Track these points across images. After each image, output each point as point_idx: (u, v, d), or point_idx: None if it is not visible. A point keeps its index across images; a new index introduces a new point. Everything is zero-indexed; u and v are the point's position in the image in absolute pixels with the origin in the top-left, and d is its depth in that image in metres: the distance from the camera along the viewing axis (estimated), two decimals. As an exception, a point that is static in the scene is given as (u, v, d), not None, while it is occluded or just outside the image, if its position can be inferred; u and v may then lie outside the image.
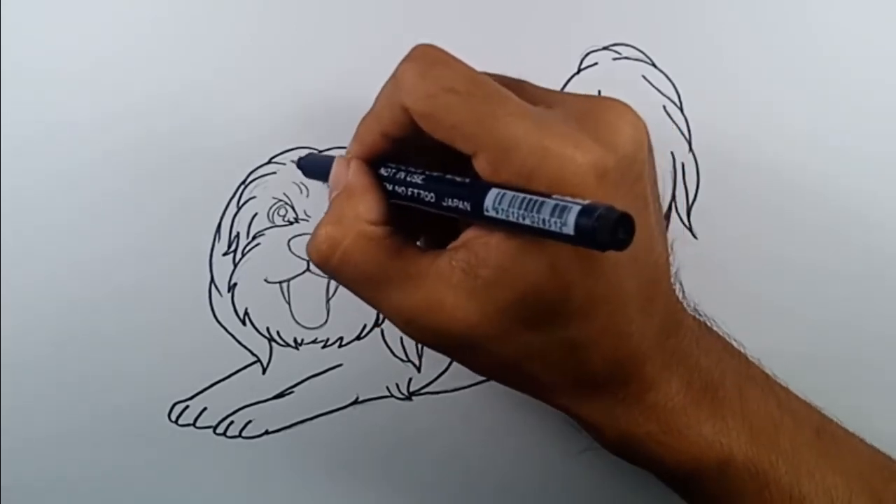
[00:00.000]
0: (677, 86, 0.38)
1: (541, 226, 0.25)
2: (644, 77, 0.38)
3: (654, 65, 0.38)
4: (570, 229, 0.24)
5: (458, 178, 0.28)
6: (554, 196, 0.25)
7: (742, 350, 0.34)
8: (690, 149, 0.39)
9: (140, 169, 0.37)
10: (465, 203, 0.27)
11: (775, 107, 0.38)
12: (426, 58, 0.29)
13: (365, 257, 0.29)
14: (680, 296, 0.33)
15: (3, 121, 0.36)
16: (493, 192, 0.26)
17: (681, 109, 0.38)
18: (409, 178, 0.30)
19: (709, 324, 0.34)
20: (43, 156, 0.37)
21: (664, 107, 0.38)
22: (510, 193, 0.26)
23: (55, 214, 0.37)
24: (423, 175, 0.29)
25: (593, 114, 0.29)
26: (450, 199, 0.28)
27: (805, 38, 0.38)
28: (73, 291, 0.37)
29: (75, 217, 0.37)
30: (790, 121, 0.38)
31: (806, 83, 0.38)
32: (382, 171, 0.31)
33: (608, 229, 0.23)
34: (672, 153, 0.39)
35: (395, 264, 0.29)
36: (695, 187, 0.39)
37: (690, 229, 0.39)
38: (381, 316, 0.38)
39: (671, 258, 0.31)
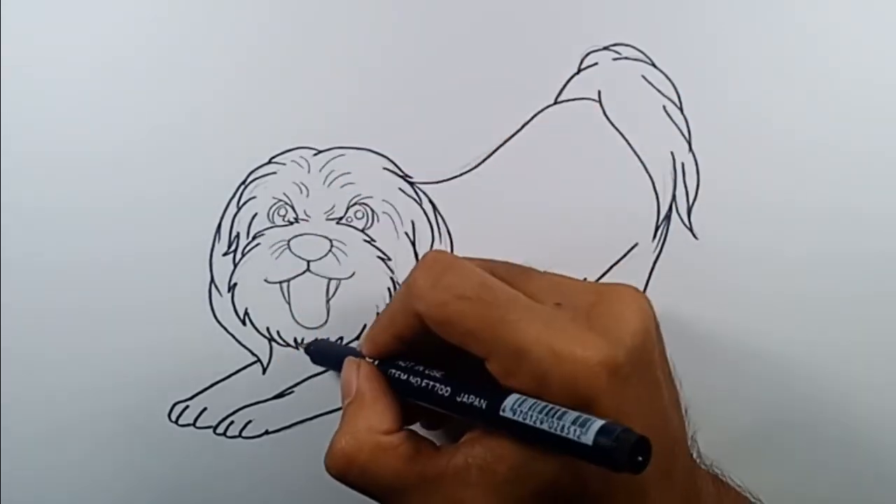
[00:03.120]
0: (677, 86, 0.38)
1: (558, 432, 0.25)
2: (644, 77, 0.38)
3: (654, 65, 0.38)
4: (588, 440, 0.24)
5: (475, 381, 0.29)
6: (574, 410, 0.26)
7: (754, 501, 0.34)
8: (690, 149, 0.39)
9: (140, 169, 0.37)
10: (482, 401, 0.28)
11: (775, 107, 0.38)
12: (437, 265, 0.30)
13: (382, 469, 0.30)
14: (695, 455, 0.33)
15: (3, 121, 0.36)
16: (514, 396, 0.27)
17: (681, 109, 0.38)
18: (422, 382, 0.30)
19: (722, 477, 0.34)
20: (42, 156, 0.37)
21: (664, 107, 0.38)
22: (531, 399, 0.27)
23: (55, 214, 0.37)
24: (440, 375, 0.30)
25: (599, 307, 0.29)
26: (465, 395, 0.28)
27: (804, 38, 0.38)
28: (73, 291, 0.37)
29: (75, 217, 0.37)
30: (790, 120, 0.38)
31: (806, 83, 0.38)
32: (393, 372, 0.32)
33: (625, 451, 0.24)
34: (672, 153, 0.39)
35: (413, 470, 0.29)
36: (695, 187, 0.39)
37: (690, 229, 0.39)
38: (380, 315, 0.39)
39: (687, 424, 0.32)
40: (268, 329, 0.38)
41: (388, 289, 0.38)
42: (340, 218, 0.38)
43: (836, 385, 0.40)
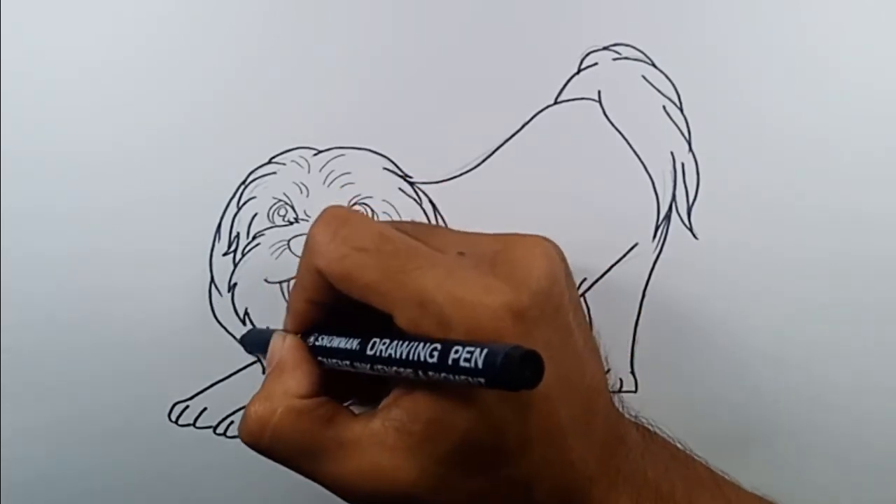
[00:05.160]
0: (677, 86, 0.38)
1: (452, 355, 0.25)
2: (644, 77, 0.38)
3: (654, 65, 0.38)
4: (481, 373, 0.24)
5: (387, 334, 0.28)
6: (465, 341, 0.25)
7: (687, 451, 0.34)
8: (690, 149, 0.39)
9: (140, 169, 0.37)
10: (390, 348, 0.27)
11: (775, 107, 0.38)
12: (335, 219, 0.30)
13: (295, 431, 0.29)
14: (620, 407, 0.33)
15: (3, 121, 0.36)
16: (403, 343, 0.27)
17: (681, 109, 0.38)
18: (337, 342, 0.30)
19: (651, 429, 0.33)
20: (43, 155, 0.37)
21: (664, 107, 0.38)
22: (419, 342, 0.26)
23: (55, 214, 0.37)
24: (357, 333, 0.29)
25: (504, 254, 0.29)
26: (375, 345, 0.28)
27: (804, 38, 0.38)
28: (73, 291, 0.37)
29: (75, 217, 0.37)
30: (790, 120, 0.38)
31: (805, 83, 0.38)
32: (311, 339, 0.31)
33: (513, 370, 0.23)
34: (672, 153, 0.39)
35: (328, 433, 0.29)
36: (695, 187, 0.39)
37: (690, 229, 0.39)
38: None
39: (607, 372, 0.32)
40: (268, 329, 0.38)
41: (388, 289, 0.38)
42: (340, 218, 0.38)
43: (836, 385, 0.40)
